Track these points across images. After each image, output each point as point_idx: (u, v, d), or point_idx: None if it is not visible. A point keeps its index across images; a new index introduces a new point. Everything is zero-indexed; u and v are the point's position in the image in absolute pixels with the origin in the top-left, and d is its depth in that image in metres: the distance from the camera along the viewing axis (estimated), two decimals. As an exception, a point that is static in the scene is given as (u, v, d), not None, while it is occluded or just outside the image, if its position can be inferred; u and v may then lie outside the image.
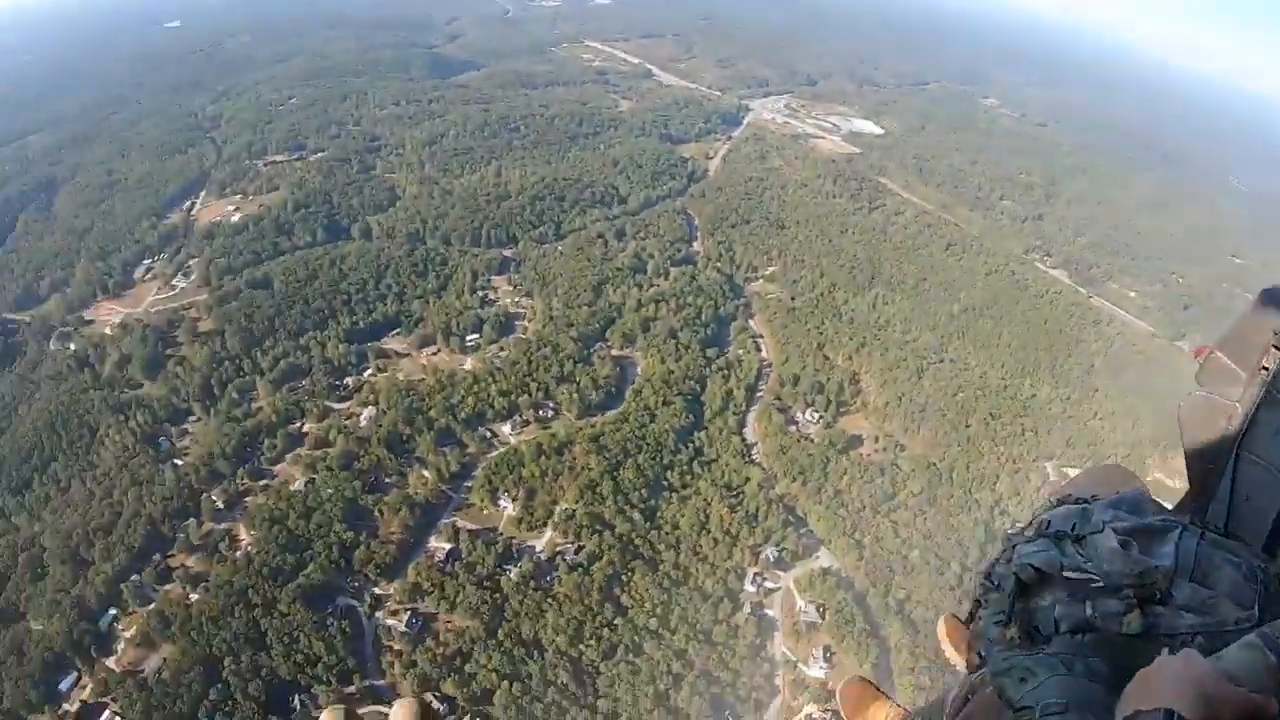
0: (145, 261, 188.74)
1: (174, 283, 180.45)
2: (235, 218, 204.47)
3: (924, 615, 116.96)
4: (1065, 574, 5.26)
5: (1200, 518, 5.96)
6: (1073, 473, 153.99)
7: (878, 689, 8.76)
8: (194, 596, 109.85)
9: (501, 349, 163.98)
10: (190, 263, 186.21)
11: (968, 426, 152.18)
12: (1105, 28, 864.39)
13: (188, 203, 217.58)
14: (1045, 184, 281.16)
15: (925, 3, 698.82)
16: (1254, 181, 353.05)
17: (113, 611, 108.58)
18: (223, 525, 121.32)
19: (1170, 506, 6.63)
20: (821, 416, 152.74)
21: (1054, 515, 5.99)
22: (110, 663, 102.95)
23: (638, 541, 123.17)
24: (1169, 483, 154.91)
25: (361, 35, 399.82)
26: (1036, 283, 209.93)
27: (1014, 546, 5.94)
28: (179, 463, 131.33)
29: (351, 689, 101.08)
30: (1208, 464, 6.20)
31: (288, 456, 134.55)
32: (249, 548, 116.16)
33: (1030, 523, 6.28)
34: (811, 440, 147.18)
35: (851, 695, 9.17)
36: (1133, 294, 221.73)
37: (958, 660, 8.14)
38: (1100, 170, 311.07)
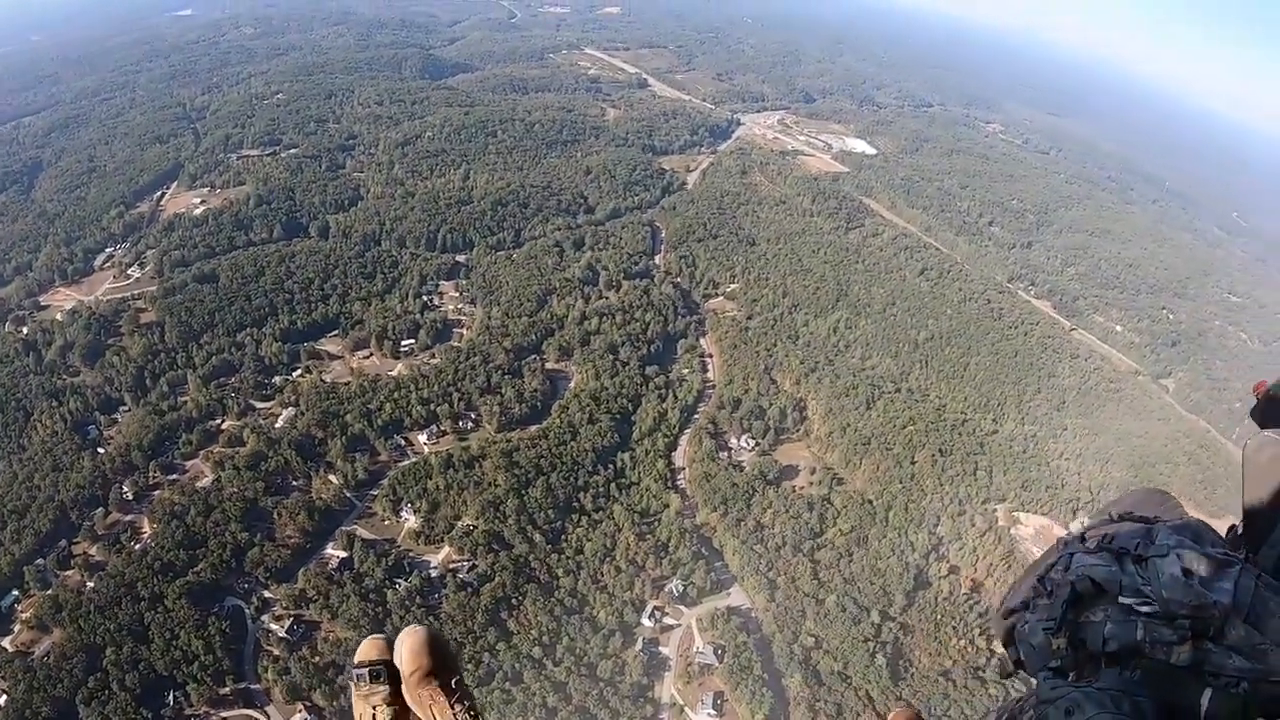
0: (108, 250, 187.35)
1: (130, 272, 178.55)
2: (199, 210, 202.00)
3: (830, 667, 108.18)
4: (1122, 593, 5.17)
5: (1252, 559, 5.61)
6: (1025, 518, 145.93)
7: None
8: (90, 584, 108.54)
9: (433, 356, 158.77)
10: (148, 253, 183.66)
11: (913, 463, 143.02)
12: (1126, 61, 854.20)
13: (159, 193, 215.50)
14: (1038, 212, 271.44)
15: (951, 29, 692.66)
16: (1259, 220, 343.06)
17: (14, 593, 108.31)
18: (129, 516, 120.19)
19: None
20: (758, 444, 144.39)
21: (1118, 531, 5.76)
22: (5, 642, 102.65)
23: (535, 564, 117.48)
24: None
25: (362, 33, 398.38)
26: (1013, 312, 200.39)
27: (1072, 555, 5.71)
28: (101, 451, 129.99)
29: (226, 690, 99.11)
30: (1266, 506, 5.89)
31: (201, 453, 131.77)
32: (149, 540, 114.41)
33: (1086, 533, 5.98)
34: (741, 469, 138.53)
35: None
36: (1119, 328, 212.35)
37: None
38: (1098, 201, 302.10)
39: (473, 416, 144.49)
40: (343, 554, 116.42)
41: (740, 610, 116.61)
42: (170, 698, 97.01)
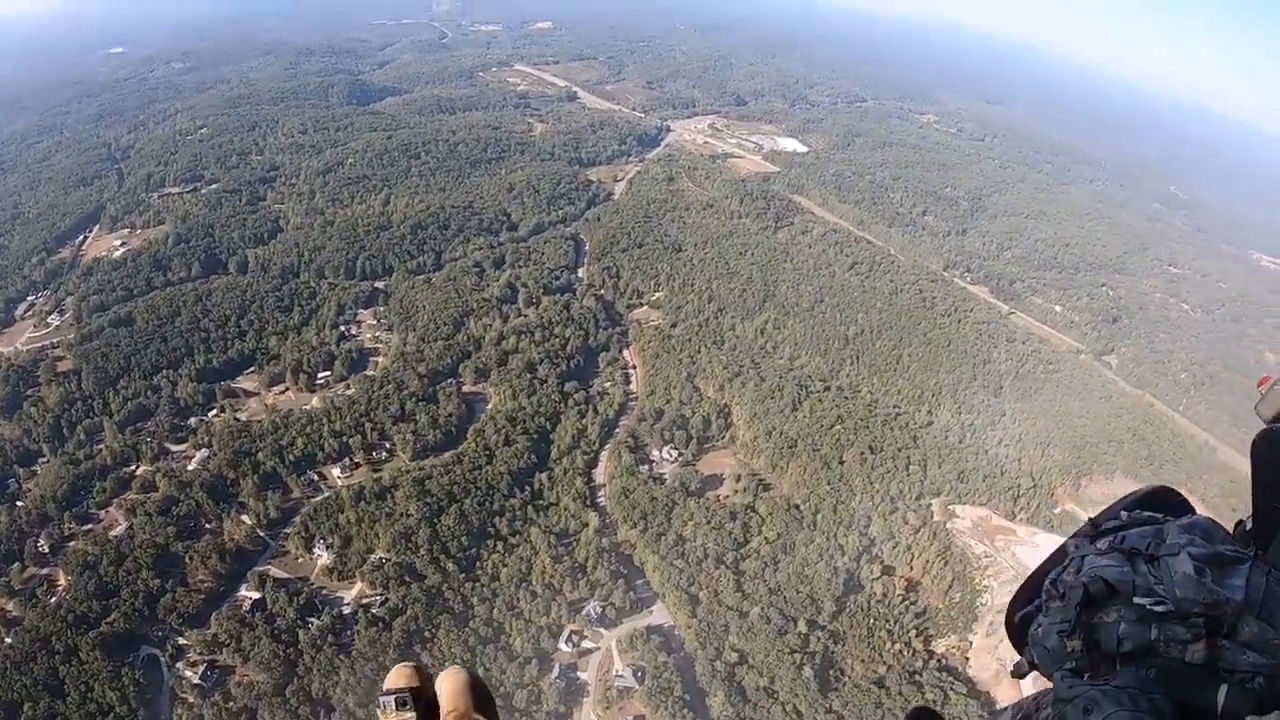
0: (29, 298, 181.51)
1: (50, 320, 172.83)
2: (118, 253, 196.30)
3: (756, 682, 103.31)
4: (1135, 593, 5.17)
5: (1261, 554, 5.52)
6: (962, 510, 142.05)
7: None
8: (8, 640, 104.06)
9: (348, 386, 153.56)
10: (68, 300, 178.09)
11: (841, 463, 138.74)
12: (1058, 44, 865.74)
13: (81, 236, 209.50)
14: (972, 198, 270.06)
15: (881, 24, 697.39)
16: (1197, 191, 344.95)
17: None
18: (45, 570, 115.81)
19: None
20: (681, 454, 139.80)
21: (1129, 531, 5.75)
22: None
23: (449, 594, 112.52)
24: (1081, 513, 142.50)
25: (291, 62, 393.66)
26: (946, 300, 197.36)
27: (1083, 557, 5.72)
28: (20, 504, 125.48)
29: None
30: (1275, 503, 5.78)
31: (115, 501, 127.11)
32: (64, 593, 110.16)
33: (1095, 533, 6.00)
34: (661, 481, 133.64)
35: None
36: (1058, 308, 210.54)
37: None
38: (1033, 183, 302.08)
39: (387, 446, 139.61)
40: (256, 595, 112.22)
41: (662, 629, 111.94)
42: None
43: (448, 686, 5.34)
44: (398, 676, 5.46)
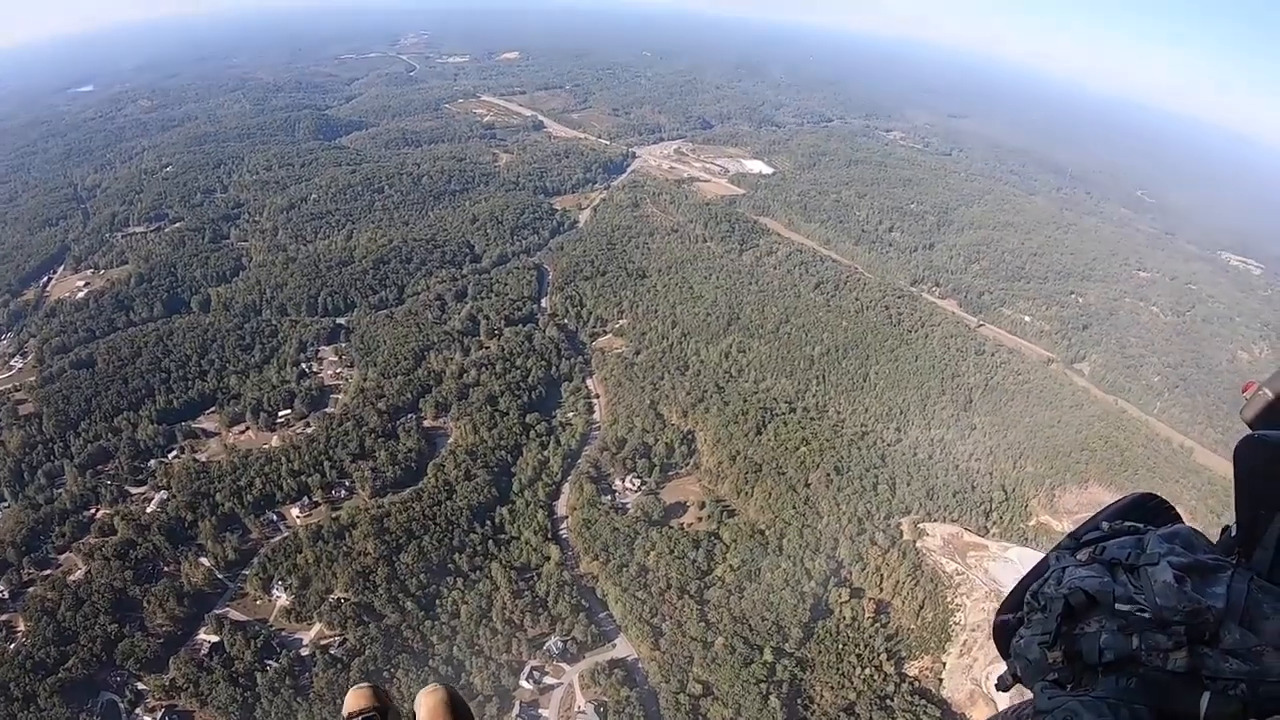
0: None
1: (13, 363, 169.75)
2: (81, 294, 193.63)
3: (720, 714, 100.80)
4: (1116, 604, 5.21)
5: (1245, 562, 5.57)
6: (932, 528, 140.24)
7: None
8: None
9: (308, 425, 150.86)
10: (30, 342, 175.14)
11: (807, 485, 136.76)
12: (1016, 55, 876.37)
13: (45, 278, 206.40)
14: (938, 212, 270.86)
15: (850, 43, 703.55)
16: (1164, 194, 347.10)
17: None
18: (4, 616, 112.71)
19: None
20: (644, 483, 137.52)
21: (1109, 542, 5.75)
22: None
23: (408, 633, 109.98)
24: (1056, 525, 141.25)
25: (258, 99, 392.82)
26: (912, 315, 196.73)
27: (1064, 569, 5.74)
28: None
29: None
30: (1259, 509, 5.77)
31: (75, 545, 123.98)
32: (23, 639, 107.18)
33: (1076, 545, 6.01)
34: (624, 511, 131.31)
35: None
36: (1028, 318, 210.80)
37: None
38: (999, 195, 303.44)
39: (346, 484, 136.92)
40: (214, 638, 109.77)
41: (624, 662, 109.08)
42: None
43: (427, 704, 5.39)
44: (358, 698, 5.48)
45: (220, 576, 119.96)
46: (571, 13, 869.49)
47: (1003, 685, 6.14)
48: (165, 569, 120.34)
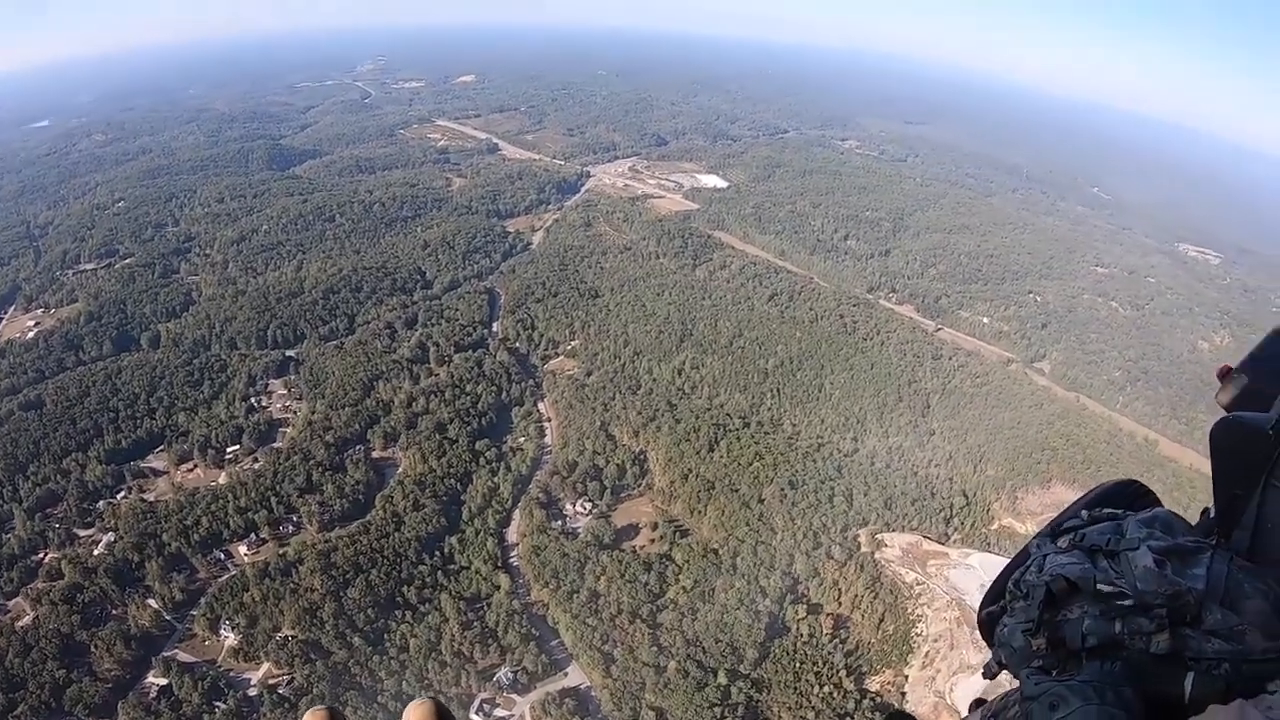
0: None
1: None
2: (31, 334, 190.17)
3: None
4: (1098, 589, 5.26)
5: (1224, 543, 5.67)
6: (890, 538, 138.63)
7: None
8: None
9: (256, 460, 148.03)
10: None
11: (760, 501, 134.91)
12: (968, 60, 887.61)
13: None
14: (894, 218, 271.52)
15: (801, 55, 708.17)
16: (1120, 191, 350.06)
17: None
18: None
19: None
20: (595, 506, 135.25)
21: (1088, 529, 5.82)
22: None
23: (355, 669, 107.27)
24: (1019, 527, 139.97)
25: (213, 130, 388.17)
26: (868, 323, 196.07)
27: (1045, 556, 5.77)
28: None
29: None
30: (1235, 490, 5.89)
31: (23, 590, 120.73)
32: None
33: (1056, 532, 6.05)
34: (574, 536, 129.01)
35: None
36: (986, 320, 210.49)
37: None
38: (955, 198, 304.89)
39: (293, 520, 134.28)
40: (163, 681, 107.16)
41: (577, 691, 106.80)
42: None
43: (414, 718, 5.16)
44: (315, 718, 5.21)
45: (168, 618, 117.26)
46: (528, 34, 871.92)
47: (989, 674, 6.05)
48: (113, 612, 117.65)
